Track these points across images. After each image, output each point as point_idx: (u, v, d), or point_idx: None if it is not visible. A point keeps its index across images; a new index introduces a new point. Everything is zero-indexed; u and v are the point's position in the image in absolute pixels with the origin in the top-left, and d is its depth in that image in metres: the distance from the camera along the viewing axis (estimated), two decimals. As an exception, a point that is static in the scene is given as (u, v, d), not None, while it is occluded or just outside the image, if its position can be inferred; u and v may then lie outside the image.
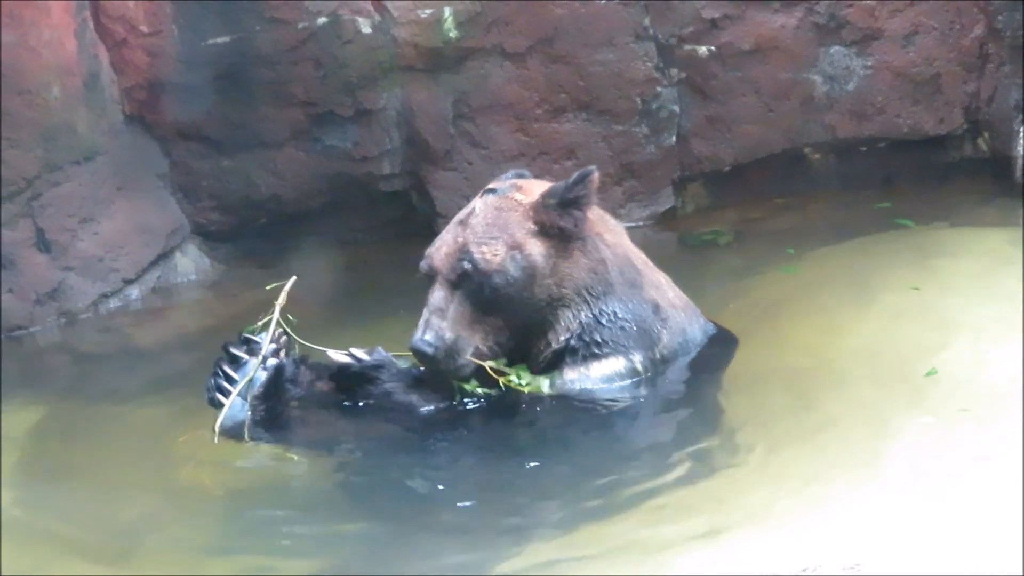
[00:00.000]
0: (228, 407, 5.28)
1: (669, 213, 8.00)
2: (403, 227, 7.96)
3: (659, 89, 7.81)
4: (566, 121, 7.82)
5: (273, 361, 5.35)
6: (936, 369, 5.22)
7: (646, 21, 7.75)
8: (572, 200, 5.40)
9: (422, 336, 5.28)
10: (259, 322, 5.40)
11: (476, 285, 5.33)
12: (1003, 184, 7.58)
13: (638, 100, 7.81)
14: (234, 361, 5.35)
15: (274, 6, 7.57)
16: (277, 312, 5.37)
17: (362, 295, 7.42)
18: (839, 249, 7.01)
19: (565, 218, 5.39)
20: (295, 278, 5.43)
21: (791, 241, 7.29)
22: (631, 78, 7.77)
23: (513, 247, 5.36)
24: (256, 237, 8.00)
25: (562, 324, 5.45)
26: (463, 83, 7.76)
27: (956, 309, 5.77)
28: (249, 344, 5.37)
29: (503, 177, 5.74)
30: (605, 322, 5.45)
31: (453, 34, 7.68)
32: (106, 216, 7.54)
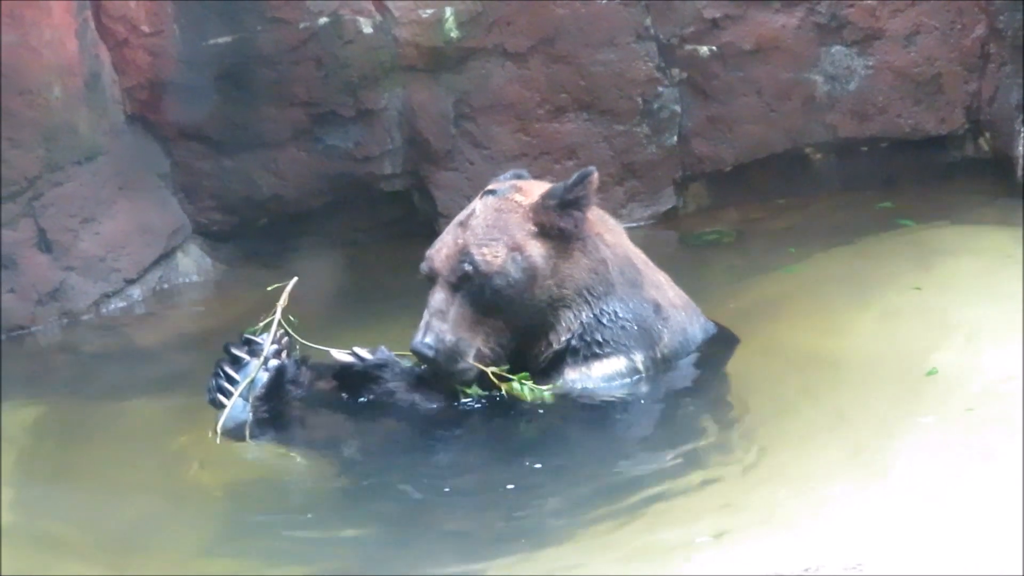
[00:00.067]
0: (229, 408, 5.29)
1: (670, 213, 7.99)
2: (404, 227, 7.95)
3: (660, 89, 7.81)
4: (567, 121, 7.82)
5: (274, 362, 5.36)
6: (937, 369, 5.22)
7: (647, 21, 7.74)
8: (572, 201, 5.40)
9: (423, 338, 5.29)
10: (260, 322, 5.41)
11: (477, 287, 5.33)
12: (1004, 184, 7.56)
13: (639, 100, 7.80)
14: (235, 362, 5.35)
15: (275, 6, 7.57)
16: (279, 312, 5.37)
17: (363, 295, 7.41)
18: (840, 249, 7.01)
19: (565, 219, 5.40)
20: (296, 278, 5.44)
21: (792, 241, 7.29)
22: (632, 78, 7.76)
23: (514, 248, 5.36)
24: (257, 237, 7.99)
25: (563, 324, 5.45)
26: (464, 83, 7.75)
27: (957, 309, 5.76)
28: (250, 345, 5.37)
29: (501, 177, 5.75)
30: (606, 322, 5.46)
31: (454, 34, 7.68)
32: (107, 216, 7.53)
